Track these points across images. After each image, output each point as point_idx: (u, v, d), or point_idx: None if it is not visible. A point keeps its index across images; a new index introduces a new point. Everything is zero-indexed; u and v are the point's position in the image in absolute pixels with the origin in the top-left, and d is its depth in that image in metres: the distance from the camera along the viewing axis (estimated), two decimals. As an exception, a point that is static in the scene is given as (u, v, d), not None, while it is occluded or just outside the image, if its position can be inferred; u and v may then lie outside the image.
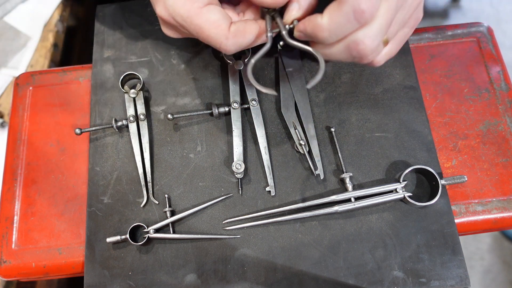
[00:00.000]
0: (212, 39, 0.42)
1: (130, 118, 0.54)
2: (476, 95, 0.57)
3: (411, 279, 0.48)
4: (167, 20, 0.44)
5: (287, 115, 0.54)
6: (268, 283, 0.48)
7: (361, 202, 0.50)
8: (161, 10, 0.43)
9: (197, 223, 0.51)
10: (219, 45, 0.42)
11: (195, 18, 0.41)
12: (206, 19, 0.41)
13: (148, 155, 0.54)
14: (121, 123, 0.54)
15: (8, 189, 0.55)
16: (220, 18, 0.42)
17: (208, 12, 0.41)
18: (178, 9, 0.41)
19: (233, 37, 0.42)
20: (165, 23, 0.46)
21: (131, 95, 0.55)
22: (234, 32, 0.42)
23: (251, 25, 0.43)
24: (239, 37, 0.42)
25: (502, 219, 0.51)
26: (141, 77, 0.55)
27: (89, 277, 0.50)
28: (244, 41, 0.43)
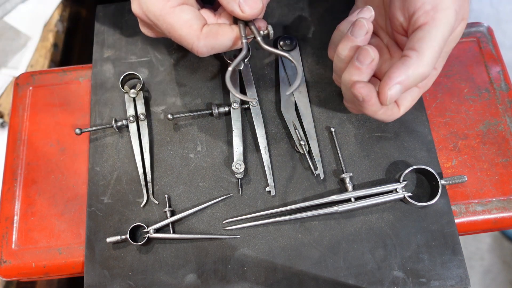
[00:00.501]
0: (183, 38, 0.42)
1: (130, 118, 0.54)
2: (476, 95, 0.57)
3: (411, 279, 0.48)
4: (141, 17, 0.44)
5: (287, 115, 0.54)
6: (268, 283, 0.48)
7: (361, 202, 0.50)
8: (135, 8, 0.44)
9: (197, 223, 0.51)
10: (190, 46, 0.43)
11: (167, 16, 0.42)
12: (178, 18, 0.41)
13: (148, 155, 0.54)
14: (121, 123, 0.54)
15: (8, 189, 0.55)
16: (192, 18, 0.42)
17: (181, 12, 0.42)
18: (151, 6, 0.42)
19: (205, 38, 0.42)
20: (141, 22, 0.46)
21: (131, 95, 0.55)
22: (207, 33, 0.42)
23: (224, 28, 0.43)
24: (211, 38, 0.42)
25: (502, 219, 0.51)
26: (141, 77, 0.55)
27: (89, 277, 0.50)
28: (216, 43, 0.43)
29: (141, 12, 0.43)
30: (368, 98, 0.39)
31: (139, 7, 0.43)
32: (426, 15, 0.39)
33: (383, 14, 0.48)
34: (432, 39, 0.39)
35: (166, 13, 0.41)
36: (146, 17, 0.43)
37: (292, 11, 0.61)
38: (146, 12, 0.43)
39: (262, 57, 0.58)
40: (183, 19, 0.41)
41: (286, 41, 0.57)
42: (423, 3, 0.40)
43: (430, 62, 0.39)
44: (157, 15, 0.42)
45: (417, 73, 0.39)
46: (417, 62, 0.39)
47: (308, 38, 0.59)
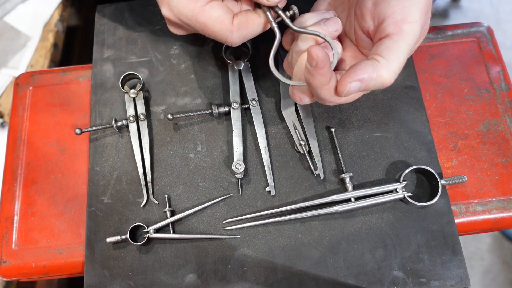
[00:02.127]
0: (218, 34, 0.44)
1: (130, 118, 0.54)
2: (476, 95, 0.57)
3: (411, 279, 0.48)
4: (173, 20, 0.45)
5: (287, 115, 0.54)
6: (268, 283, 0.48)
7: (361, 202, 0.50)
8: (166, 11, 0.45)
9: (197, 223, 0.51)
10: (225, 40, 0.44)
11: (199, 16, 0.43)
12: (209, 16, 0.43)
13: (148, 155, 0.54)
14: (121, 123, 0.54)
15: (8, 189, 0.55)
16: (222, 14, 0.43)
17: (211, 9, 0.43)
18: (182, 9, 0.43)
19: (237, 30, 0.44)
20: (171, 23, 0.47)
21: (131, 95, 0.55)
22: (238, 25, 0.44)
23: (252, 16, 0.45)
24: (243, 29, 0.44)
25: (502, 219, 0.51)
26: (141, 77, 0.55)
27: (89, 277, 0.50)
28: (248, 32, 0.45)
29: (173, 15, 0.45)
30: (322, 64, 0.39)
31: (169, 11, 0.45)
32: (395, 25, 0.41)
33: (346, 11, 0.48)
34: (399, 49, 0.40)
35: (197, 13, 0.43)
36: (178, 19, 0.45)
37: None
38: (178, 14, 0.44)
39: (262, 57, 0.58)
40: (214, 16, 0.43)
41: (286, 41, 0.57)
42: (393, 12, 0.41)
43: (396, 71, 0.41)
44: (189, 16, 0.43)
45: (381, 78, 0.40)
46: (384, 68, 0.40)
47: (308, 38, 0.59)
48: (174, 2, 0.43)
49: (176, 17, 0.45)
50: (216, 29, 0.43)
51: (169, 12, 0.45)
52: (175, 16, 0.45)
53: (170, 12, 0.45)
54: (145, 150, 0.54)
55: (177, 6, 0.43)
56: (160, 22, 0.61)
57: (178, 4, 0.43)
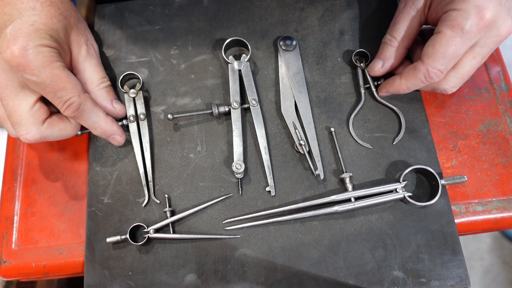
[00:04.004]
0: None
1: (130, 118, 0.54)
2: (476, 95, 0.57)
3: (411, 279, 0.48)
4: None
5: (287, 115, 0.54)
6: (268, 283, 0.48)
7: (361, 202, 0.50)
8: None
9: (197, 223, 0.51)
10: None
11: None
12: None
13: (149, 155, 0.54)
14: (121, 123, 0.54)
15: (8, 189, 0.55)
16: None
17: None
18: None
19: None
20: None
21: (130, 95, 0.55)
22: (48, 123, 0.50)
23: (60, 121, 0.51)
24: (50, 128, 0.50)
25: (502, 219, 0.51)
26: (140, 77, 0.55)
27: (89, 277, 0.50)
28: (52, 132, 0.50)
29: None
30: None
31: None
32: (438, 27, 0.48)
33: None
34: (439, 51, 0.48)
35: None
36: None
37: (292, 11, 0.61)
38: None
39: (262, 57, 0.58)
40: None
41: (286, 41, 0.57)
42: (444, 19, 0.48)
43: (434, 70, 0.49)
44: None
45: (416, 85, 0.53)
46: (419, 74, 0.51)
47: (308, 38, 0.59)
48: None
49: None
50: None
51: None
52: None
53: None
54: (145, 149, 0.54)
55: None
56: (160, 22, 0.61)
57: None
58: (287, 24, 0.60)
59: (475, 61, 0.49)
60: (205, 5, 0.62)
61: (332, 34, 0.59)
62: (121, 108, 0.54)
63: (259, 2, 0.61)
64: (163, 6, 0.62)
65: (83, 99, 0.48)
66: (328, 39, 0.59)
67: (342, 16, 0.60)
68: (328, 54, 0.58)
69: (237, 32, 0.60)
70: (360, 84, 0.55)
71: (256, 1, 0.62)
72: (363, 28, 0.59)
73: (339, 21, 0.60)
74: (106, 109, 0.53)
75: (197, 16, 0.61)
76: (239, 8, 0.61)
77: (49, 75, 0.45)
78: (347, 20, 0.60)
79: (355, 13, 0.60)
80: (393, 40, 0.53)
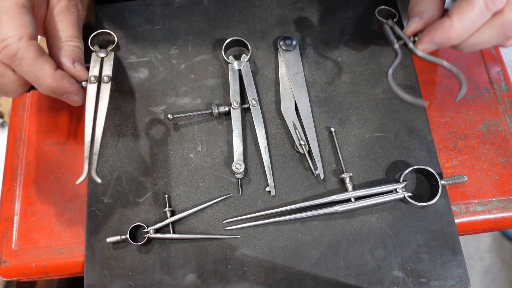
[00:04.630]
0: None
1: (91, 79, 0.47)
2: (476, 95, 0.57)
3: (411, 279, 0.48)
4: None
5: (287, 115, 0.54)
6: (268, 283, 0.48)
7: (361, 202, 0.50)
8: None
9: (197, 223, 0.51)
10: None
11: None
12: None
13: (102, 122, 0.46)
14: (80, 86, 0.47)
15: (8, 189, 0.55)
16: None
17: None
18: None
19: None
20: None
21: (99, 55, 0.49)
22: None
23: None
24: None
25: (502, 219, 0.51)
26: (116, 38, 0.50)
27: (89, 277, 0.50)
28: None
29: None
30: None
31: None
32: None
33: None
34: (468, 8, 0.39)
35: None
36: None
37: (292, 11, 0.61)
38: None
39: (262, 57, 0.58)
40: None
41: (286, 41, 0.57)
42: None
43: (464, 29, 0.40)
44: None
45: (450, 39, 0.41)
46: (452, 26, 0.40)
47: (308, 38, 0.59)
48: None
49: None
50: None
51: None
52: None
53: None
54: (100, 115, 0.47)
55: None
56: (160, 22, 0.61)
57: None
58: (287, 24, 0.60)
59: None
60: (205, 5, 0.62)
61: (332, 34, 0.59)
62: (82, 70, 0.47)
63: (259, 2, 0.62)
64: (163, 6, 0.62)
65: (25, 44, 0.40)
66: (328, 39, 0.59)
67: (342, 16, 0.60)
68: (328, 54, 0.58)
69: (237, 32, 0.60)
70: (392, 40, 0.46)
71: (256, 1, 0.62)
72: (363, 28, 0.59)
73: (339, 21, 0.60)
74: (63, 67, 0.45)
75: (197, 16, 0.61)
76: (239, 8, 0.61)
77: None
78: (347, 20, 0.60)
79: (355, 13, 0.60)
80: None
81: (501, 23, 0.40)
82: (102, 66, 0.49)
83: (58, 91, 0.44)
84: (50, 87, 0.43)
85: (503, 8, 0.39)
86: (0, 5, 0.40)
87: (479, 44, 0.42)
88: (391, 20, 0.48)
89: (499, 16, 0.40)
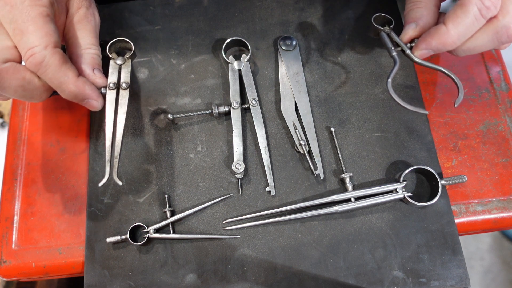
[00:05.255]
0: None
1: (110, 85, 0.49)
2: (476, 95, 0.57)
3: (411, 279, 0.48)
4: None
5: (287, 115, 0.54)
6: (268, 283, 0.48)
7: (361, 202, 0.50)
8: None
9: (197, 223, 0.51)
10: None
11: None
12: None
13: (122, 128, 0.49)
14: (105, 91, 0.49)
15: (8, 189, 0.55)
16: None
17: None
18: None
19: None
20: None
21: (117, 62, 0.51)
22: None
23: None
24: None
25: (502, 219, 0.51)
26: (133, 46, 0.52)
27: (89, 277, 0.50)
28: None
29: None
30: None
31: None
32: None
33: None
34: (463, 15, 0.41)
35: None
36: None
37: (292, 11, 0.61)
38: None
39: (262, 57, 0.58)
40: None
41: (286, 41, 0.57)
42: None
43: (459, 36, 0.42)
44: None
45: (445, 45, 0.43)
46: (448, 33, 0.42)
47: (308, 38, 0.59)
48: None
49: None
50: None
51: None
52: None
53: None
54: (119, 121, 0.49)
55: None
56: (160, 22, 0.61)
57: None
58: (287, 24, 0.60)
59: None
60: (205, 5, 0.62)
61: (332, 34, 0.59)
62: (101, 76, 0.49)
63: (259, 2, 0.62)
64: (163, 6, 0.62)
65: (50, 52, 0.42)
66: (328, 39, 0.59)
67: (342, 16, 0.60)
68: (328, 54, 0.58)
69: (237, 32, 0.60)
70: (389, 47, 0.47)
71: (256, 1, 0.62)
72: (363, 28, 0.59)
73: (339, 21, 0.60)
74: (84, 73, 0.48)
75: (197, 16, 0.61)
76: (239, 8, 0.61)
77: (25, 14, 0.41)
78: (347, 20, 0.60)
79: (355, 13, 0.60)
80: (418, 2, 0.45)
81: (495, 29, 0.41)
82: (120, 73, 0.51)
83: (80, 96, 0.46)
84: (73, 92, 0.45)
85: (497, 14, 0.40)
86: (27, 14, 0.41)
87: (474, 49, 0.43)
88: (387, 27, 0.49)
89: (493, 22, 0.41)
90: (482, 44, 0.43)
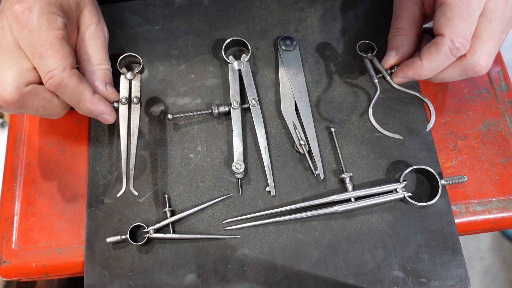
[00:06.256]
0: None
1: (122, 100, 0.52)
2: (476, 95, 0.57)
3: (411, 279, 0.48)
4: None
5: (287, 115, 0.54)
6: (268, 283, 0.48)
7: (361, 202, 0.50)
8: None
9: (197, 223, 0.51)
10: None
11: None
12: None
13: (135, 140, 0.51)
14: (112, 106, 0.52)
15: (8, 189, 0.55)
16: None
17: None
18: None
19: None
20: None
21: (127, 77, 0.53)
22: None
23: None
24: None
25: (502, 219, 0.51)
26: (141, 61, 0.54)
27: (89, 277, 0.50)
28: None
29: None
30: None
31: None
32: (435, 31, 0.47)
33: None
34: (435, 52, 0.47)
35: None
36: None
37: (292, 11, 0.61)
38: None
39: (262, 57, 0.58)
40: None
41: (286, 41, 0.57)
42: (439, 26, 0.46)
43: (432, 70, 0.47)
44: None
45: (420, 76, 0.49)
46: (422, 68, 0.48)
47: (308, 38, 0.59)
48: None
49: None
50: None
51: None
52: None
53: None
54: (132, 134, 0.51)
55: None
56: (160, 22, 0.61)
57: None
58: (287, 24, 0.60)
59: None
60: (205, 5, 0.62)
61: (332, 34, 0.59)
62: (114, 92, 0.52)
63: (259, 2, 0.62)
64: (163, 6, 0.62)
65: (68, 74, 0.45)
66: (328, 39, 0.59)
67: (342, 16, 0.60)
68: (328, 54, 0.58)
69: (237, 32, 0.60)
70: (371, 74, 0.52)
71: (256, 1, 0.62)
72: (363, 28, 0.59)
73: (339, 21, 0.60)
74: (97, 90, 0.50)
75: (197, 16, 0.61)
76: (239, 8, 0.61)
77: (43, 38, 0.44)
78: (347, 20, 0.60)
79: (355, 13, 0.60)
80: (400, 30, 0.50)
81: (463, 66, 0.46)
82: (130, 87, 0.53)
83: (95, 112, 0.49)
84: (89, 109, 0.49)
85: (466, 53, 0.45)
86: (44, 38, 0.44)
87: (445, 79, 0.49)
88: (370, 54, 0.53)
89: (463, 60, 0.46)
90: (452, 76, 0.48)
